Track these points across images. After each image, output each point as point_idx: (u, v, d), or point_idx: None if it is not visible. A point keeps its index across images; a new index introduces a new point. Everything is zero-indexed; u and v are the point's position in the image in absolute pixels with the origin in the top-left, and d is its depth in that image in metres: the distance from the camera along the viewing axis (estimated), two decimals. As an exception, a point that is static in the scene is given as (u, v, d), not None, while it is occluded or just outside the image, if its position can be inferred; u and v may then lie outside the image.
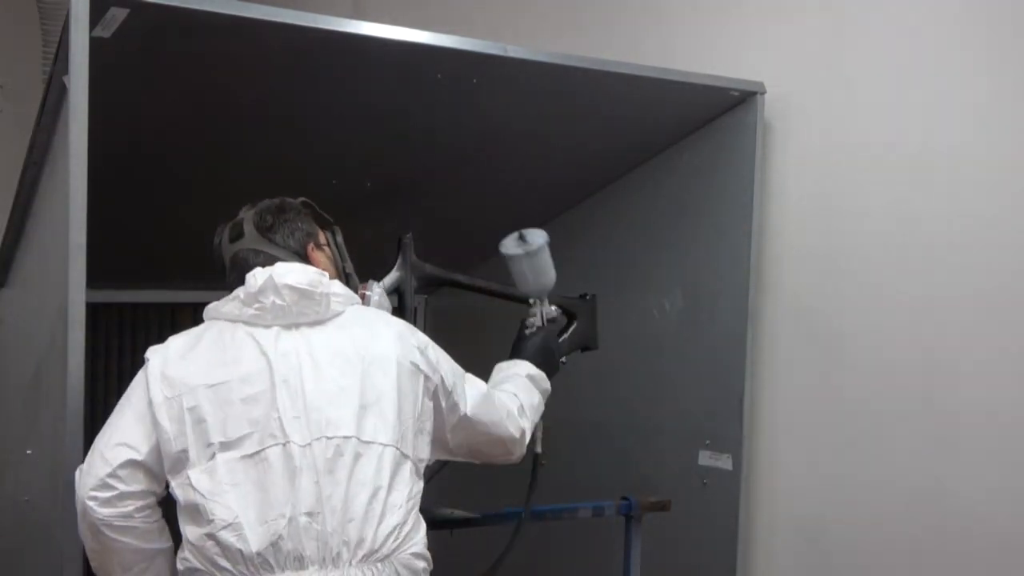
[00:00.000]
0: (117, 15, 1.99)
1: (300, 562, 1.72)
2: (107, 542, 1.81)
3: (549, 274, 2.50)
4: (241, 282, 1.94)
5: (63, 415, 1.91)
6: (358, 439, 1.79)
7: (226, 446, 1.77)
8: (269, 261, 1.98)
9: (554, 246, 3.49)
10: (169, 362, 1.84)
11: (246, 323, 1.88)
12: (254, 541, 1.71)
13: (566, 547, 3.33)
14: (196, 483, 1.76)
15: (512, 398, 2.23)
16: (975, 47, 2.50)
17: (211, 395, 1.79)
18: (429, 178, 3.00)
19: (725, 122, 2.94)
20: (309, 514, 1.73)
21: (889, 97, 2.65)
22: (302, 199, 2.15)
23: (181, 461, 1.79)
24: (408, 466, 1.85)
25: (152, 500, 1.82)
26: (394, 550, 1.78)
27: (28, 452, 2.33)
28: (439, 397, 1.99)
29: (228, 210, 2.93)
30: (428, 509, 2.91)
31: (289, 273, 1.90)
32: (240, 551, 1.71)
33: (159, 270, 3.36)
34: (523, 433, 2.20)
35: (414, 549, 1.82)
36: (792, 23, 2.87)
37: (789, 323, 2.88)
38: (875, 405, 2.66)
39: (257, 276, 1.89)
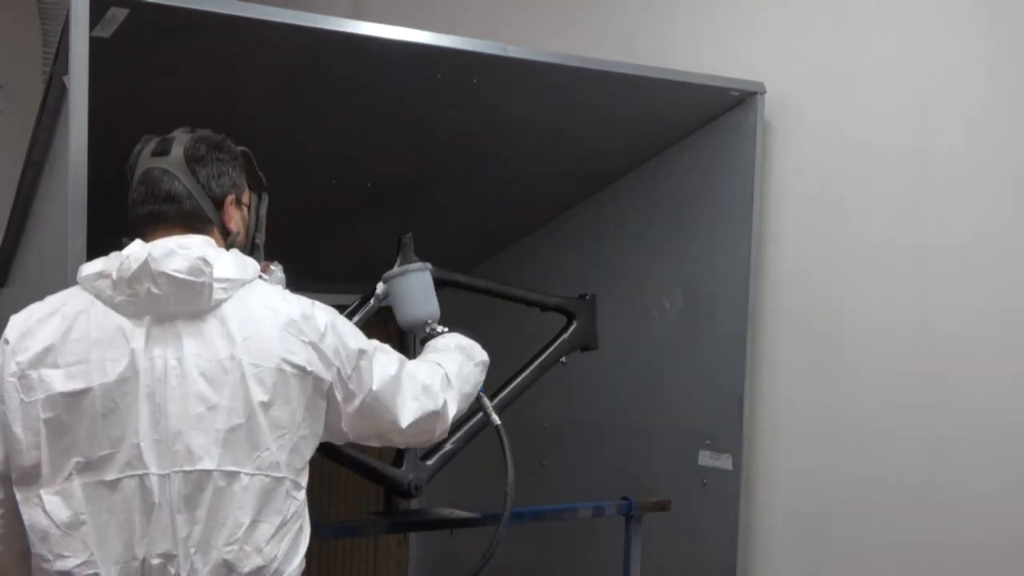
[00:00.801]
0: (117, 15, 1.99)
1: None
2: None
3: (432, 301, 2.33)
4: (144, 199, 1.78)
5: (63, 415, 1.91)
6: (220, 471, 1.61)
7: (84, 467, 1.59)
8: (180, 194, 1.77)
9: (555, 246, 3.51)
10: (29, 356, 1.63)
11: (116, 309, 1.65)
12: None
13: (566, 547, 3.33)
14: (50, 509, 1.59)
15: (434, 368, 1.98)
16: (976, 47, 2.50)
17: (71, 405, 1.60)
18: (429, 178, 3.00)
19: (725, 122, 2.94)
20: (164, 556, 1.59)
21: (889, 97, 2.65)
22: (243, 148, 1.94)
23: (32, 476, 1.61)
24: (281, 489, 1.69)
25: (13, 504, 1.66)
26: None
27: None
28: (334, 391, 1.77)
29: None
30: (428, 509, 2.93)
31: (168, 258, 1.65)
32: None
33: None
34: (444, 406, 1.94)
35: None
36: (792, 23, 2.87)
37: (789, 323, 2.88)
38: (875, 405, 2.66)
39: (131, 259, 1.64)
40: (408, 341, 2.50)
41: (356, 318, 2.59)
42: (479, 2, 3.92)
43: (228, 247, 1.82)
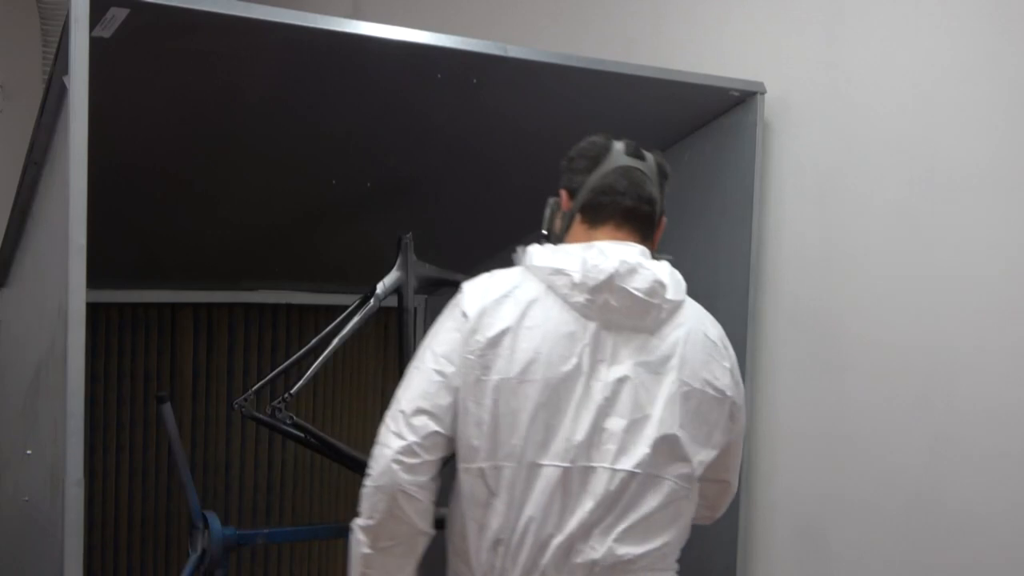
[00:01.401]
0: (117, 15, 1.99)
1: None
2: (397, 511, 1.74)
3: None
4: (625, 192, 1.87)
5: (63, 415, 1.91)
6: (644, 474, 1.74)
7: (520, 448, 1.72)
8: (655, 199, 1.90)
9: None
10: (488, 336, 1.75)
11: (571, 307, 1.77)
12: (524, 554, 1.72)
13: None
14: (485, 480, 1.74)
15: None
16: (976, 46, 2.50)
17: (519, 391, 1.73)
18: (429, 178, 3.00)
19: (725, 122, 2.94)
20: (571, 537, 1.72)
21: (889, 97, 2.65)
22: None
23: (473, 447, 1.74)
24: (684, 494, 1.81)
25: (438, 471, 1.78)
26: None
27: (28, 452, 2.33)
28: (730, 420, 1.90)
29: (227, 210, 2.96)
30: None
31: (632, 275, 1.78)
32: (515, 560, 1.73)
33: (159, 270, 3.36)
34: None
35: None
36: (792, 23, 2.87)
37: (788, 323, 2.88)
38: (875, 406, 2.66)
39: (599, 269, 1.77)
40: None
41: (356, 318, 2.60)
42: (479, 2, 3.92)
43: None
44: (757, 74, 2.87)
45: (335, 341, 2.56)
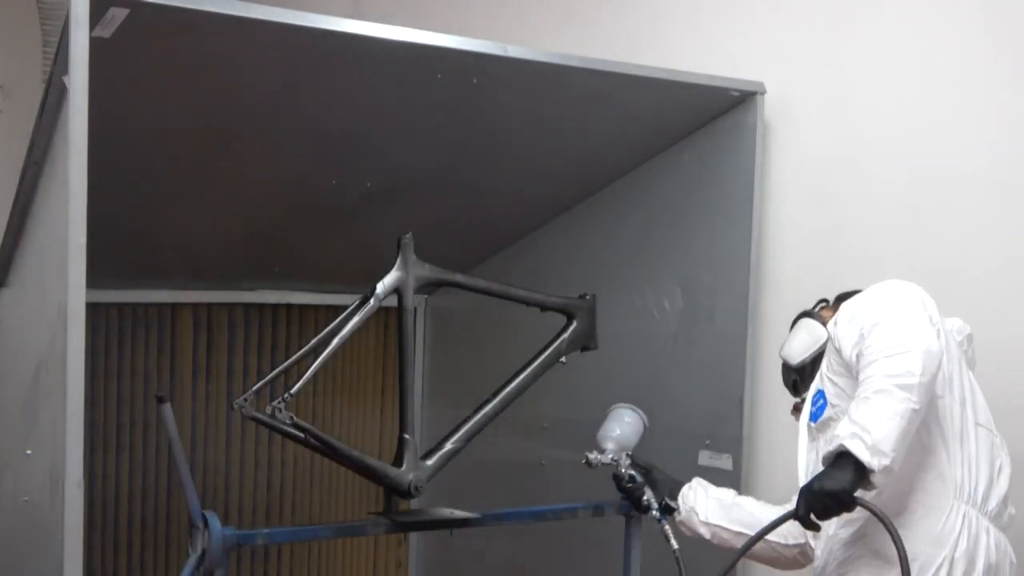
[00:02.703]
0: (117, 15, 1.99)
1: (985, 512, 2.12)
2: (936, 373, 1.99)
3: (631, 440, 2.70)
4: None
5: (63, 415, 1.91)
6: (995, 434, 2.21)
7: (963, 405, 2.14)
8: None
9: (555, 246, 3.51)
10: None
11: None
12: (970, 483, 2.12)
13: (566, 547, 3.33)
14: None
15: None
16: (975, 47, 2.50)
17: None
18: (429, 178, 3.00)
19: (725, 122, 2.95)
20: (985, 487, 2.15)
21: (889, 97, 2.65)
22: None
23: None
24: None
25: None
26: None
27: (28, 452, 2.33)
28: None
29: (227, 210, 2.96)
30: (428, 509, 2.93)
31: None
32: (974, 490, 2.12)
33: (159, 270, 3.36)
34: None
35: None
36: (792, 23, 2.87)
37: (789, 322, 2.87)
38: (875, 405, 2.65)
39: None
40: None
41: (356, 318, 2.60)
42: (479, 2, 3.93)
43: None
44: (757, 74, 2.87)
45: (335, 341, 2.56)
